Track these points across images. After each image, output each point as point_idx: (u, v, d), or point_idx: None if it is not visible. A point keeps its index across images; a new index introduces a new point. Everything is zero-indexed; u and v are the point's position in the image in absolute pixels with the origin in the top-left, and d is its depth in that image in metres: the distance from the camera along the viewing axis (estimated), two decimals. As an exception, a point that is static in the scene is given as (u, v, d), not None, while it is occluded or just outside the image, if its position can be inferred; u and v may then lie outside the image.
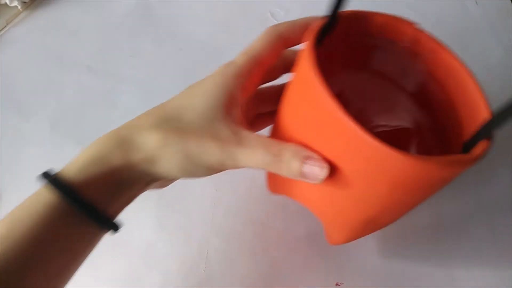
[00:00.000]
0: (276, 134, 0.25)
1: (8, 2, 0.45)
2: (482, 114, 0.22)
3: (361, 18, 0.24)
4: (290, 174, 0.21)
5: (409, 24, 0.25)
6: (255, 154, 0.21)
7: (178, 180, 0.26)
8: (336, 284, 0.33)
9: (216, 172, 0.23)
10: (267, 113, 0.29)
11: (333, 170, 0.21)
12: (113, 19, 0.47)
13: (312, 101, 0.20)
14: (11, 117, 0.40)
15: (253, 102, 0.28)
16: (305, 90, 0.21)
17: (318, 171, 0.21)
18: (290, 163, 0.21)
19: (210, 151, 0.21)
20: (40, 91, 0.42)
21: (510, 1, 0.50)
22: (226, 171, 0.23)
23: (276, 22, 0.47)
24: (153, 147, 0.21)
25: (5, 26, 0.46)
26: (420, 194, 0.22)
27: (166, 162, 0.21)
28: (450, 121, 0.25)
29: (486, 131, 0.20)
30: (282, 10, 0.48)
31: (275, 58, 0.25)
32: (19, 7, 0.46)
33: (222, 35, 0.46)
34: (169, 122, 0.22)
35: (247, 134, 0.22)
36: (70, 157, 0.22)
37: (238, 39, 0.47)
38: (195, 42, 0.46)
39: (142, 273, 0.33)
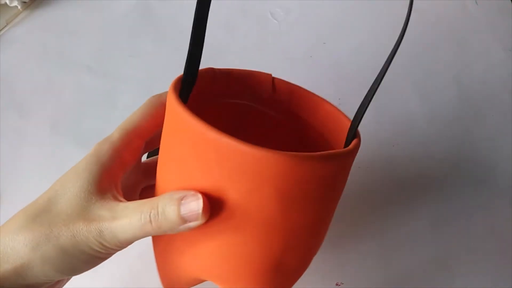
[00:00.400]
0: (157, 192, 0.23)
1: (8, 2, 0.45)
2: (346, 126, 0.23)
3: (220, 75, 0.24)
4: (171, 225, 0.19)
5: (264, 74, 0.26)
6: (132, 221, 0.19)
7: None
8: (336, 284, 0.33)
9: (104, 259, 0.21)
10: None
11: (217, 205, 0.19)
12: (113, 19, 0.47)
13: (177, 131, 0.19)
14: (11, 117, 0.40)
15: (143, 174, 0.26)
16: (172, 123, 0.20)
17: (195, 205, 0.18)
18: (166, 212, 0.19)
19: (86, 237, 0.19)
20: (40, 91, 0.42)
21: (510, 1, 0.50)
22: None
23: (276, 22, 0.47)
24: (21, 252, 0.19)
25: (5, 26, 0.46)
26: (314, 206, 0.20)
27: (40, 266, 0.19)
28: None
29: (352, 134, 0.22)
30: (282, 10, 0.48)
31: (159, 125, 0.24)
32: (19, 7, 0.46)
33: (222, 35, 0.46)
34: (38, 218, 0.19)
35: (122, 205, 0.20)
36: (70, 157, 0.22)
37: (238, 39, 0.47)
38: (195, 42, 0.46)
39: (142, 273, 0.33)
